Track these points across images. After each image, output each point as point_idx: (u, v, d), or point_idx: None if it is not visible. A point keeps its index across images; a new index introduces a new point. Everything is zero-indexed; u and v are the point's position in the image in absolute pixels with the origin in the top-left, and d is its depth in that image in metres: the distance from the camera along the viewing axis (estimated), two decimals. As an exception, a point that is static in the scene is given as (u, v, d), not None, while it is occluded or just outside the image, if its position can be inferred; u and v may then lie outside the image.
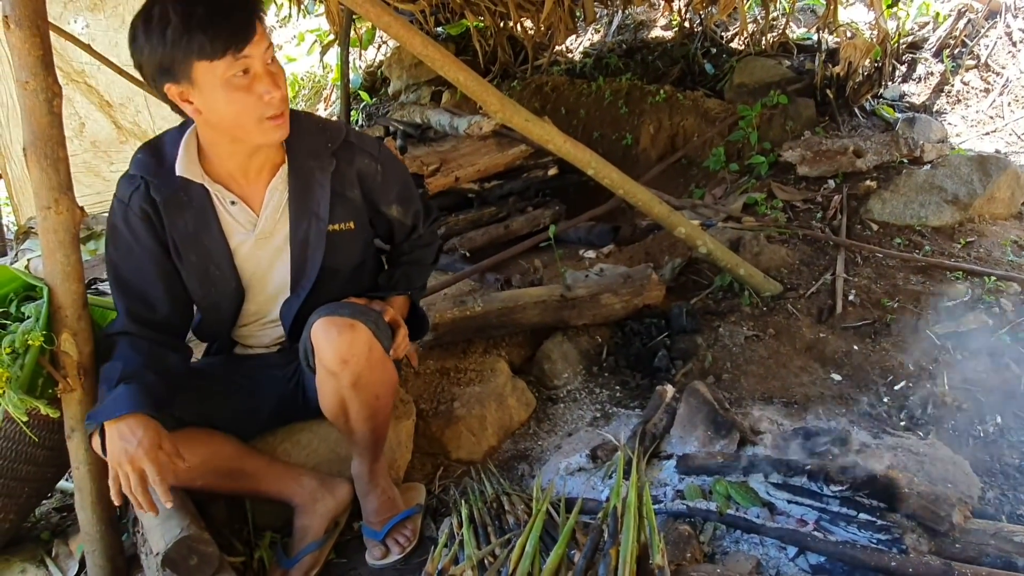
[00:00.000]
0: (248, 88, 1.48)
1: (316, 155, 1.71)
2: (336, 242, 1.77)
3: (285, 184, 1.72)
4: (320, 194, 1.72)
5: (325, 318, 1.63)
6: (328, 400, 1.75)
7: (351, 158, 1.76)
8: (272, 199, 1.72)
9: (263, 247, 1.76)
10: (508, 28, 5.35)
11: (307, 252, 1.76)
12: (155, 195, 1.65)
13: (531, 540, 1.31)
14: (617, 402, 2.49)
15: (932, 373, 2.41)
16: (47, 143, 1.56)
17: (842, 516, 1.66)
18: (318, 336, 1.63)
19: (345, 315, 1.63)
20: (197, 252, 1.71)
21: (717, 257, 2.67)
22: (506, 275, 3.14)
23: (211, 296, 1.78)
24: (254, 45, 1.45)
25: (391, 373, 1.79)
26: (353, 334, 1.61)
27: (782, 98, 3.69)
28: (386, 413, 1.83)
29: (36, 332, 1.61)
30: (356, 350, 1.62)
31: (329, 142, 1.72)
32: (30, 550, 2.01)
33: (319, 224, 1.74)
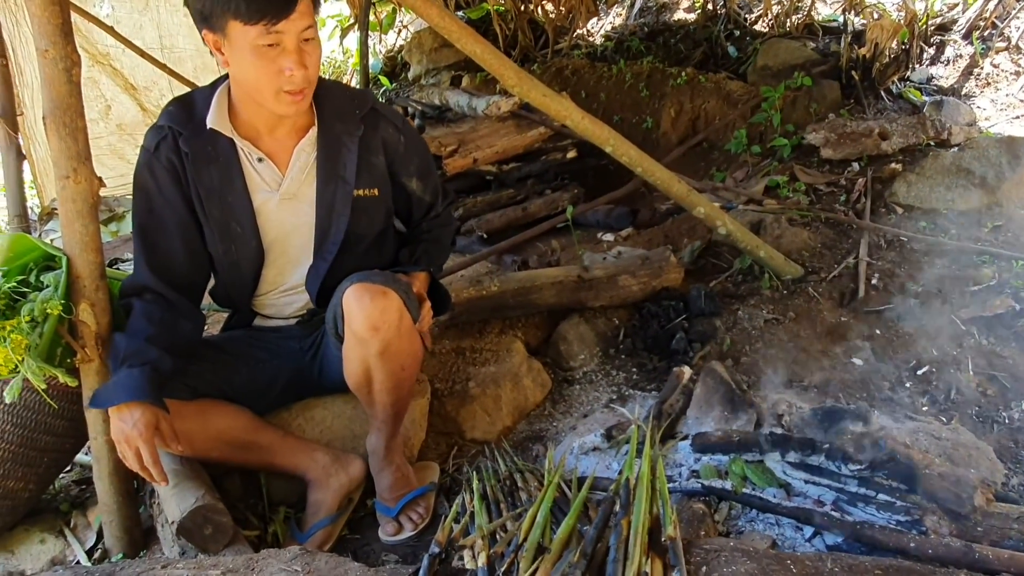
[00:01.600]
0: (274, 59, 1.52)
1: (344, 120, 1.75)
2: (361, 207, 1.79)
3: (313, 146, 1.74)
4: (348, 158, 1.75)
5: (358, 284, 1.64)
6: (354, 367, 1.75)
7: (376, 124, 1.80)
8: (299, 160, 1.74)
9: (286, 208, 1.78)
10: (529, 11, 5.32)
11: (332, 215, 1.78)
12: (183, 146, 1.67)
13: (542, 511, 1.30)
14: (634, 384, 2.47)
15: (956, 358, 2.36)
16: (66, 112, 1.57)
17: (860, 496, 1.63)
18: (350, 302, 1.64)
19: (378, 282, 1.64)
20: (220, 208, 1.72)
21: (737, 238, 2.63)
22: (523, 257, 3.13)
23: (231, 255, 1.79)
24: (290, 21, 1.49)
25: (417, 345, 1.80)
26: (386, 301, 1.62)
27: (806, 80, 3.63)
28: (409, 386, 1.83)
29: (55, 301, 1.62)
30: (388, 317, 1.63)
31: (357, 108, 1.76)
32: (49, 521, 2.04)
33: (346, 188, 1.76)
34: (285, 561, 1.31)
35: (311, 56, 1.56)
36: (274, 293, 1.92)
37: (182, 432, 1.68)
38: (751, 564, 1.17)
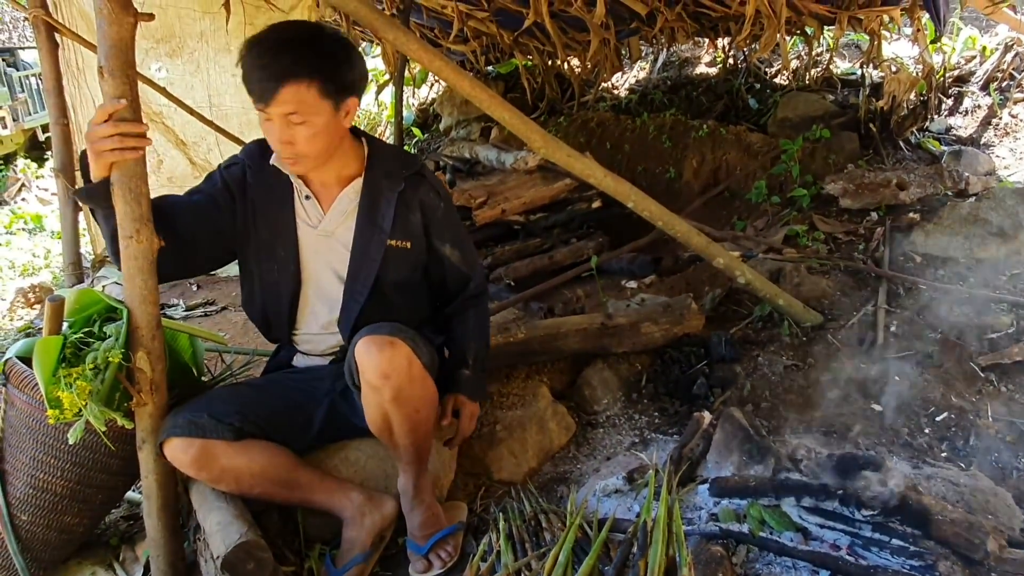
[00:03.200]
0: (269, 130, 1.80)
1: (390, 176, 1.95)
2: (393, 256, 1.96)
3: (357, 194, 1.95)
4: (386, 208, 1.94)
5: (367, 336, 1.80)
6: (372, 414, 1.88)
7: (418, 186, 1.98)
8: (341, 204, 1.95)
9: (323, 244, 1.97)
10: (556, 66, 5.52)
11: (365, 259, 1.95)
12: (249, 179, 1.96)
13: (564, 551, 1.38)
14: (655, 428, 2.53)
15: (975, 405, 2.39)
16: (132, 179, 1.72)
17: (875, 541, 1.68)
18: (360, 353, 1.79)
19: (384, 333, 1.79)
20: (270, 229, 1.97)
21: (756, 287, 2.71)
22: (549, 304, 3.23)
23: (272, 274, 1.99)
24: (274, 106, 1.72)
25: (430, 389, 1.91)
26: (393, 350, 1.77)
27: (825, 132, 3.73)
28: (427, 427, 1.94)
29: (116, 350, 1.76)
30: (396, 364, 1.78)
31: (404, 168, 1.97)
32: (100, 554, 2.14)
33: (380, 235, 1.94)
34: (324, 594, 1.40)
35: (298, 134, 1.75)
36: (311, 330, 2.06)
37: (228, 470, 1.83)
38: (760, 603, 1.23)
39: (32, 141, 9.42)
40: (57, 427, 1.85)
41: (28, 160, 8.75)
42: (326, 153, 1.85)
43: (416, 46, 2.04)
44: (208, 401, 1.92)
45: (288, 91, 1.70)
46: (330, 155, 1.88)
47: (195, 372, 2.27)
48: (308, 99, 1.72)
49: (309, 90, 1.72)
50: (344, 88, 1.78)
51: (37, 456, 1.91)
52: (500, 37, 5.00)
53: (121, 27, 1.63)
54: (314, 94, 1.72)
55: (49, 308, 1.82)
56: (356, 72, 1.81)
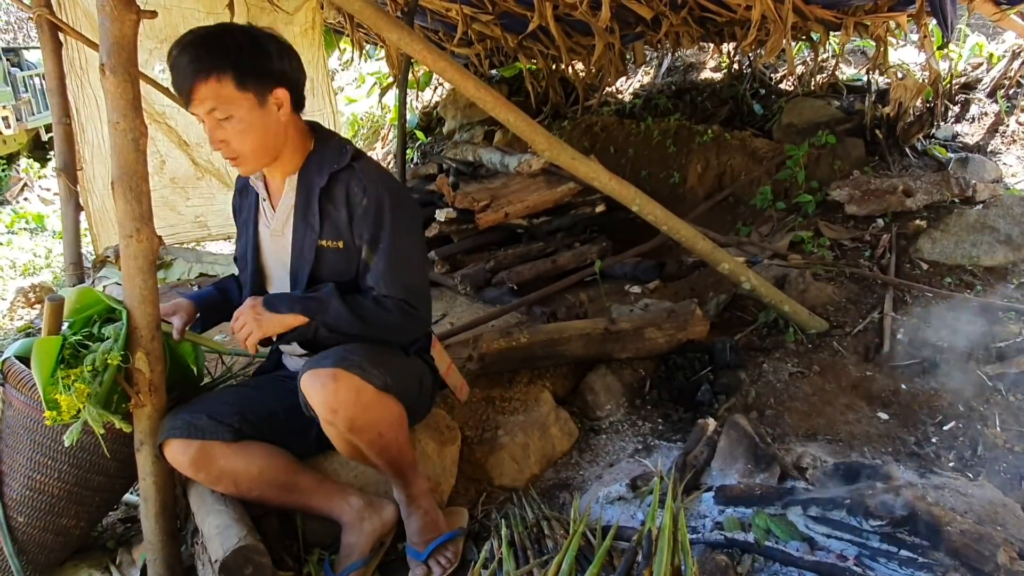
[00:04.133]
0: (207, 133, 1.78)
1: (320, 171, 1.86)
2: (327, 257, 1.86)
3: (294, 190, 1.90)
4: (315, 206, 1.86)
5: (310, 371, 1.72)
6: (336, 443, 1.85)
7: (347, 180, 1.83)
8: (283, 203, 1.92)
9: (276, 243, 1.95)
10: (560, 70, 5.51)
11: (302, 260, 1.89)
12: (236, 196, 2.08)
13: (567, 559, 1.36)
14: (659, 435, 2.51)
15: (983, 414, 2.37)
16: (132, 178, 1.71)
17: (882, 552, 1.65)
18: (306, 389, 1.73)
19: (327, 365, 1.70)
20: (244, 237, 2.01)
21: (761, 293, 2.69)
22: (552, 308, 3.21)
23: (244, 274, 2.04)
24: (194, 105, 1.72)
25: (389, 408, 1.81)
26: (336, 384, 1.69)
27: (830, 138, 3.71)
28: (398, 444, 1.87)
29: (115, 352, 1.74)
30: (342, 398, 1.69)
31: (336, 162, 1.84)
32: (96, 557, 2.13)
33: (312, 234, 1.86)
34: (322, 601, 1.38)
35: (229, 132, 1.73)
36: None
37: (227, 471, 1.81)
38: (767, 614, 1.21)
39: (35, 141, 9.44)
40: (54, 428, 1.84)
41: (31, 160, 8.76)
42: (265, 150, 1.79)
43: (420, 46, 2.03)
44: (206, 402, 1.89)
45: (202, 88, 1.67)
46: (274, 152, 1.82)
47: (195, 374, 2.26)
48: (224, 93, 1.68)
49: (222, 83, 1.67)
50: (264, 78, 1.72)
51: (34, 457, 1.90)
52: (504, 40, 4.99)
53: (123, 24, 1.61)
54: (230, 87, 1.68)
55: (48, 308, 1.81)
56: (277, 63, 1.74)
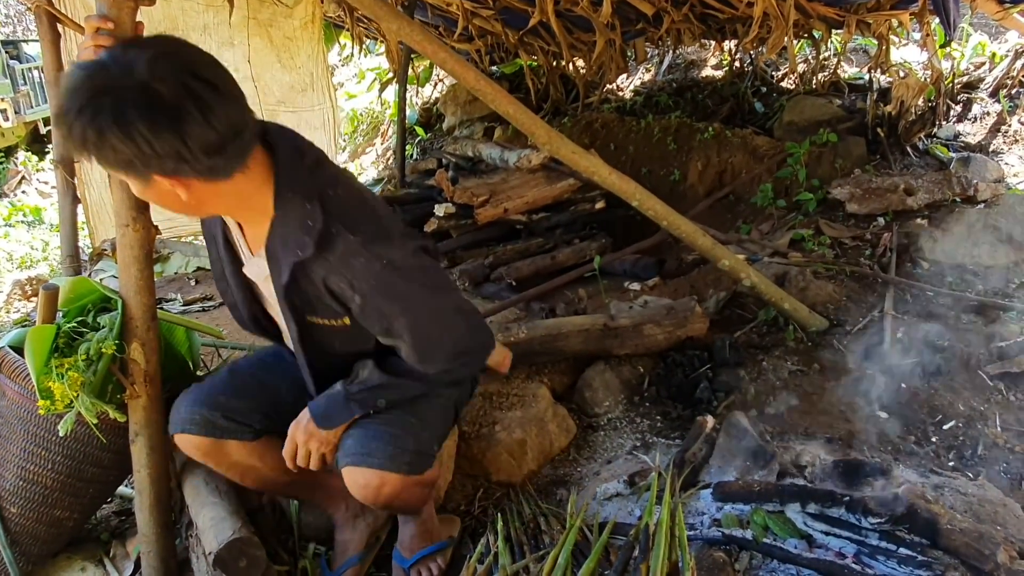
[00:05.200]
0: None
1: (284, 257, 1.45)
2: (329, 333, 1.59)
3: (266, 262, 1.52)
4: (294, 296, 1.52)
5: (353, 468, 1.59)
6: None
7: (322, 275, 1.44)
8: (257, 267, 1.58)
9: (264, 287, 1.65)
10: (560, 67, 5.50)
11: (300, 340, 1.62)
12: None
13: (563, 554, 1.34)
14: (658, 432, 2.49)
15: (983, 414, 2.36)
16: (128, 165, 1.70)
17: (881, 550, 1.64)
18: (348, 482, 1.62)
19: (375, 465, 1.56)
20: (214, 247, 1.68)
21: (761, 290, 2.68)
22: (551, 304, 3.20)
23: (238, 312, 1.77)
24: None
25: (423, 488, 1.72)
26: (380, 487, 1.59)
27: (832, 136, 3.70)
28: (420, 503, 1.82)
29: (110, 341, 1.73)
30: (384, 492, 1.61)
31: (298, 249, 1.41)
32: (90, 550, 2.12)
33: (299, 314, 1.56)
34: (316, 594, 1.36)
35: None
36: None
37: (247, 468, 1.78)
38: (766, 610, 1.19)
39: (34, 134, 9.42)
40: (48, 418, 1.82)
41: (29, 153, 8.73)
42: (197, 212, 1.44)
43: (420, 36, 2.01)
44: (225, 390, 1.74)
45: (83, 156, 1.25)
46: (211, 213, 1.50)
47: (191, 366, 2.24)
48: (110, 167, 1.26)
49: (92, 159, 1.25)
50: (128, 167, 1.25)
51: (27, 448, 1.88)
52: (505, 36, 4.98)
53: (120, 10, 1.59)
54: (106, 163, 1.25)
55: (43, 296, 1.79)
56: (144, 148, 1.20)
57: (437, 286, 1.55)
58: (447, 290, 1.59)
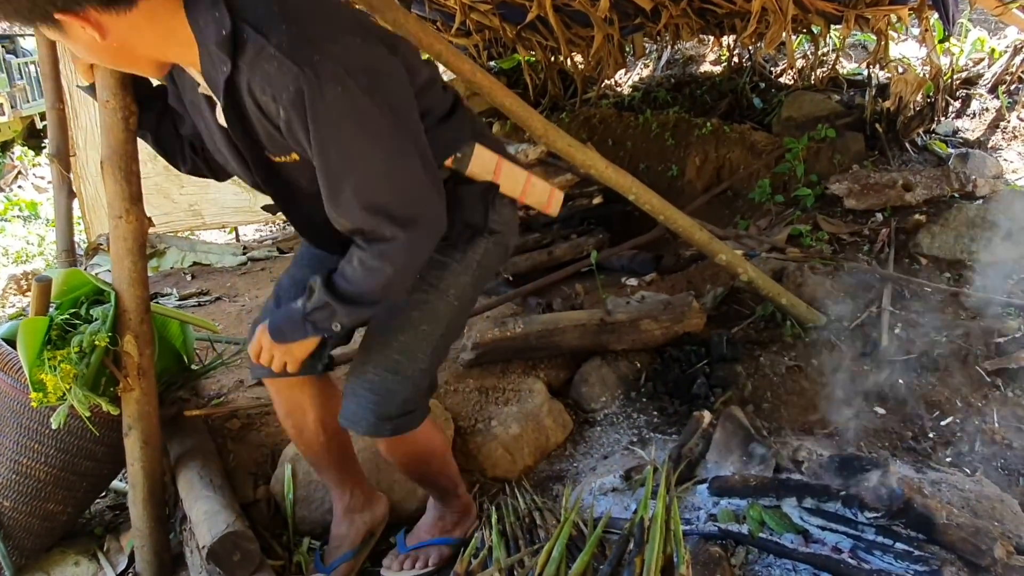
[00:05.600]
0: None
1: (215, 81, 1.29)
2: (291, 174, 1.42)
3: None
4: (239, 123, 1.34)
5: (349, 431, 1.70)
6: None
7: (246, 89, 1.25)
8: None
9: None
10: (558, 62, 5.48)
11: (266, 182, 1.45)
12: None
13: (558, 547, 1.33)
14: (654, 428, 2.49)
15: (981, 410, 2.35)
16: (122, 157, 1.68)
17: (878, 545, 1.64)
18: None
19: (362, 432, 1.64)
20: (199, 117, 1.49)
21: (758, 285, 2.67)
22: (548, 300, 3.19)
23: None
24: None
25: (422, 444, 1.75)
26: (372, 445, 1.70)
27: (830, 132, 3.68)
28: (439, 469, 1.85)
29: (103, 333, 1.72)
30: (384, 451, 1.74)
31: (223, 66, 1.24)
32: (84, 544, 2.11)
33: (257, 150, 1.38)
34: (308, 587, 1.36)
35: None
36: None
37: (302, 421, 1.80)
38: (761, 604, 1.19)
39: (30, 129, 9.39)
40: (41, 411, 1.82)
41: (25, 148, 8.70)
42: (131, 60, 1.32)
43: (417, 29, 1.99)
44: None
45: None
46: (144, 65, 1.34)
47: (186, 360, 2.24)
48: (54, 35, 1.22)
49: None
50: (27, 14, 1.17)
51: (20, 441, 1.87)
52: (503, 31, 4.96)
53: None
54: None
55: (36, 288, 1.78)
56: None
57: (371, 132, 1.25)
58: (388, 145, 1.27)
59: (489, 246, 1.61)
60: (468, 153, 1.54)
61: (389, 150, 1.27)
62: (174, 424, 2.19)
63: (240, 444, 2.29)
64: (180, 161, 1.69)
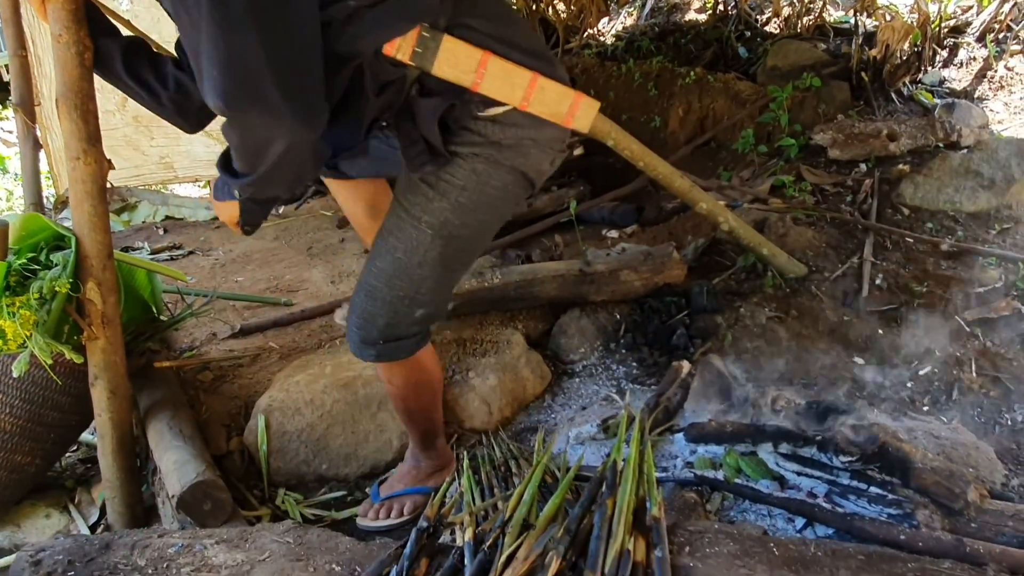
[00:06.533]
0: None
1: None
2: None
3: None
4: None
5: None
6: None
7: None
8: None
9: None
10: (540, 10, 5.34)
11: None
12: None
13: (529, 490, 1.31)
14: (633, 379, 2.48)
15: (959, 359, 2.36)
16: (77, 95, 1.60)
17: (852, 489, 1.64)
18: None
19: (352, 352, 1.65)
20: None
21: (740, 235, 2.64)
22: (527, 252, 3.15)
23: None
24: None
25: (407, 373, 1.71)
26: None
27: (815, 80, 3.62)
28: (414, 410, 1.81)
29: (63, 279, 1.66)
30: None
31: None
32: (55, 497, 2.08)
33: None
34: (278, 533, 1.34)
35: None
36: None
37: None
38: (734, 546, 1.18)
39: (-2, 81, 9.08)
40: (3, 361, 1.76)
41: (-8, 101, 8.43)
42: None
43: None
44: None
45: None
46: None
47: (154, 310, 2.18)
48: None
49: None
50: None
51: (-17, 392, 1.82)
52: (484, -22, 4.80)
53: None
54: None
55: (-8, 235, 1.71)
56: None
57: None
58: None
59: (478, 168, 1.40)
60: (431, 47, 1.28)
61: (222, 21, 1.11)
62: (144, 375, 2.15)
63: (213, 396, 2.26)
64: (152, 99, 1.53)
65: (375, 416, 2.10)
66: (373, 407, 2.10)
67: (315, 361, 2.28)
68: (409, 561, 1.21)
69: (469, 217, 1.45)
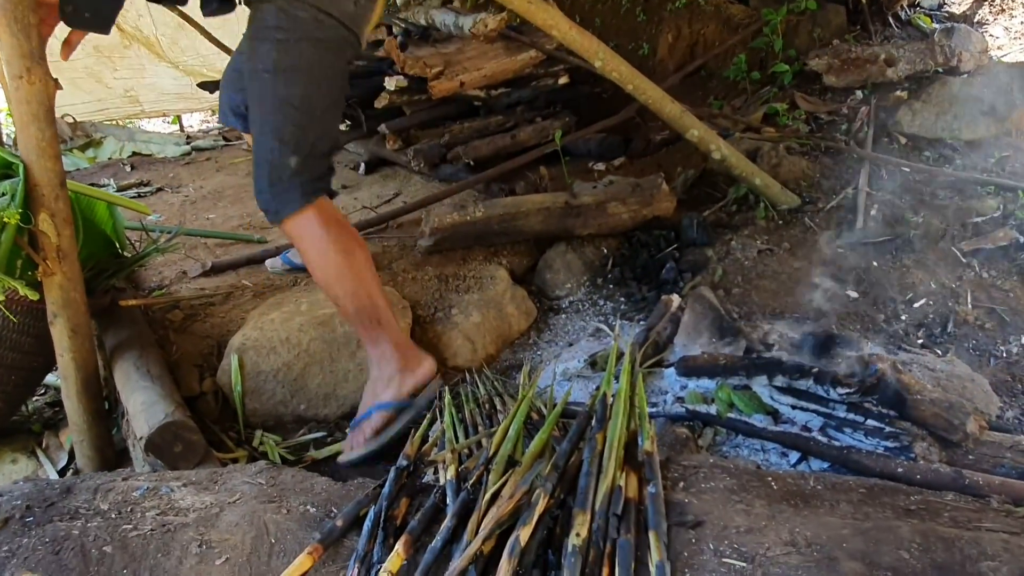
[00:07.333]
0: None
1: None
2: None
3: None
4: None
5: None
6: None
7: None
8: None
9: None
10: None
11: None
12: None
13: (514, 425, 1.24)
14: (622, 314, 2.41)
15: (955, 291, 2.30)
16: (17, 6, 1.46)
17: (848, 422, 1.59)
18: None
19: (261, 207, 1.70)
20: None
21: (731, 164, 2.53)
22: (511, 185, 3.04)
23: None
24: None
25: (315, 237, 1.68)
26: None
27: (811, 3, 3.46)
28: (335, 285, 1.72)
29: (12, 210, 1.54)
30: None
31: None
32: (22, 441, 2.01)
33: None
34: (250, 475, 1.27)
35: None
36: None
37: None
38: (730, 480, 1.12)
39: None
40: (-45, 300, 1.65)
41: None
42: None
43: None
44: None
45: None
46: None
47: (117, 246, 2.07)
48: None
49: None
50: None
51: (-65, 332, 1.72)
52: None
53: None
54: None
55: (-71, 163, 1.58)
56: None
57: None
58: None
59: (281, 5, 1.59)
60: None
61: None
62: (109, 315, 2.05)
63: (183, 336, 2.16)
64: None
65: (355, 355, 2.01)
66: (352, 345, 2.02)
67: (290, 298, 2.18)
68: (388, 501, 1.14)
69: (294, 50, 1.61)
